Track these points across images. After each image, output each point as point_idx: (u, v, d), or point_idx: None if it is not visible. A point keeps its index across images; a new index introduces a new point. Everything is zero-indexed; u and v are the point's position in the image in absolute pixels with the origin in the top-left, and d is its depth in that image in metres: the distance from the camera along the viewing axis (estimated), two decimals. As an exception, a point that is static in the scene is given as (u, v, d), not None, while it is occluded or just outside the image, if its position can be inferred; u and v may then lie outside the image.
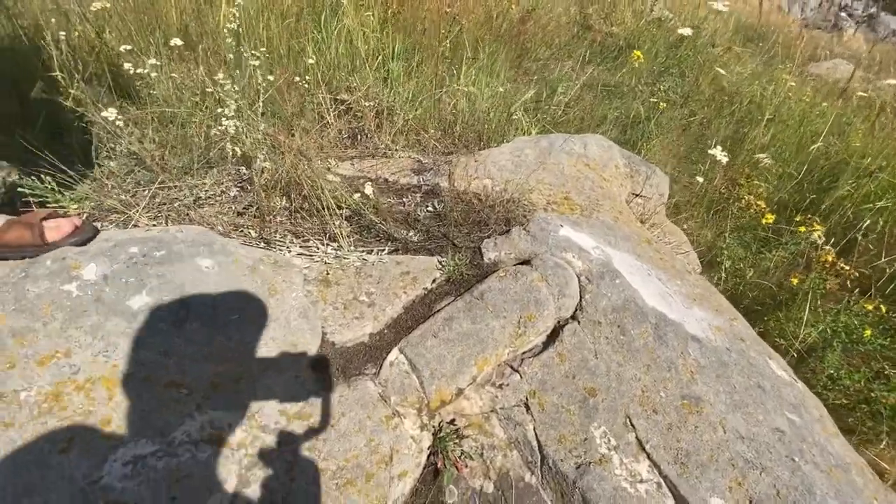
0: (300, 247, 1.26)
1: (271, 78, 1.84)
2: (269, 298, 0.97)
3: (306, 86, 1.86)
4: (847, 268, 1.56)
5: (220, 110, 1.40)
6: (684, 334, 1.13)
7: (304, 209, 1.39)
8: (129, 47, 1.67)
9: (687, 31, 2.68)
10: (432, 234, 1.40)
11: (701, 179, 2.20)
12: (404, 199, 1.56)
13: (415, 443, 0.90)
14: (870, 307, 1.58)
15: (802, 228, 1.83)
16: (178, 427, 0.80)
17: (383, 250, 1.29)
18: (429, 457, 0.93)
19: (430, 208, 1.51)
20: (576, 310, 1.12)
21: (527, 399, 0.98)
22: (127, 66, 1.63)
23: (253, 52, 1.64)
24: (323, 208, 1.31)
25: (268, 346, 0.92)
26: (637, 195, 1.90)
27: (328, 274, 1.17)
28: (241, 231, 1.25)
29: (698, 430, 0.94)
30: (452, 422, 0.97)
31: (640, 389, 0.99)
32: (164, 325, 0.85)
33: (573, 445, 0.91)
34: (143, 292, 0.85)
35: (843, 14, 8.79)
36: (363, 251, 1.27)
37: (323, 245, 1.28)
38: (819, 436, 1.04)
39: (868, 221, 2.15)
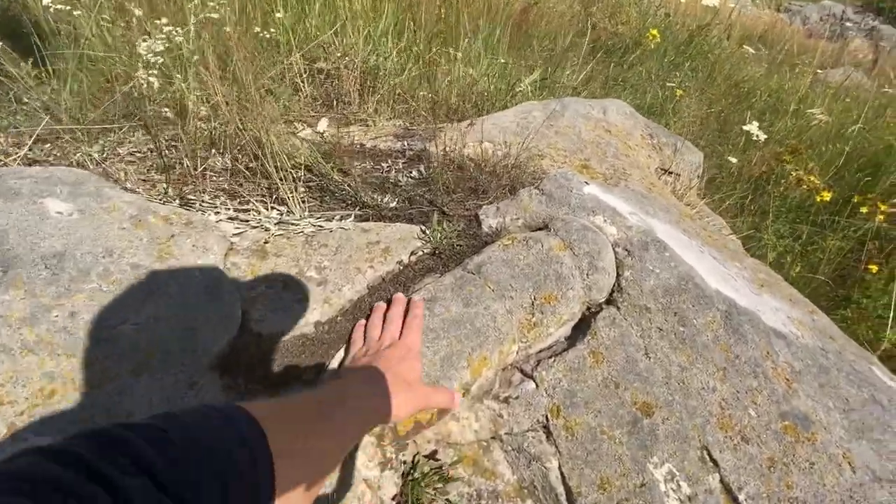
0: (234, 210, 0.94)
1: (228, 29, 1.54)
2: (158, 264, 0.65)
3: (268, 36, 1.56)
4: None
5: (143, 39, 1.10)
6: (764, 327, 0.80)
7: (249, 168, 1.07)
8: (53, -17, 1.38)
9: (713, 2, 2.40)
10: (415, 200, 1.08)
11: (734, 160, 1.90)
12: (383, 165, 1.24)
13: (371, 490, 0.56)
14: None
15: (865, 209, 1.51)
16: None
17: (348, 217, 0.97)
18: (395, 511, 0.59)
19: (413, 174, 1.19)
20: (612, 291, 0.79)
21: (547, 419, 0.64)
22: (46, 1, 1.33)
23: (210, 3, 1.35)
24: (267, 161, 0.99)
25: (147, 334, 0.59)
26: (666, 171, 1.59)
27: (266, 243, 0.85)
28: (154, 186, 0.93)
29: (816, 470, 0.60)
30: (433, 455, 0.63)
31: (716, 405, 0.66)
32: (-43, 292, 0.52)
33: (624, 495, 0.57)
34: (-76, 239, 0.53)
35: (848, 24, 8.67)
36: (321, 217, 0.95)
37: (267, 209, 0.95)
38: (975, 475, 0.71)
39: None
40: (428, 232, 0.91)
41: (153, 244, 0.67)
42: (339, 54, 1.65)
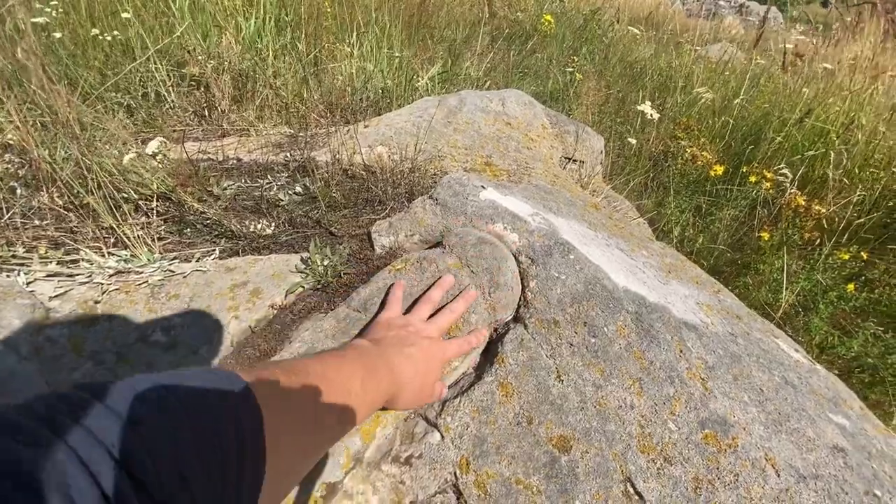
0: (58, 263, 0.74)
1: (58, 35, 1.29)
2: None
3: (109, 39, 1.32)
4: (823, 210, 1.31)
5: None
6: (675, 322, 0.76)
7: (82, 207, 0.87)
8: None
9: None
10: (298, 222, 0.94)
11: (633, 141, 1.94)
12: (261, 182, 1.09)
13: None
14: (845, 256, 1.35)
15: (753, 178, 1.59)
16: None
17: (211, 254, 0.81)
18: None
19: (298, 190, 1.05)
20: (518, 306, 0.72)
21: (456, 476, 0.55)
22: None
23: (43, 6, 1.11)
24: (94, 194, 0.79)
25: None
26: (570, 159, 1.57)
27: (97, 303, 0.67)
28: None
29: (741, 482, 0.56)
30: (324, 546, 0.52)
31: (636, 424, 0.60)
32: None
33: (546, 559, 0.49)
34: None
35: (721, 3, 9.53)
36: (175, 259, 0.78)
37: (103, 256, 0.77)
38: (878, 441, 0.72)
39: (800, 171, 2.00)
40: (309, 261, 0.78)
41: None
42: (202, 57, 1.44)
